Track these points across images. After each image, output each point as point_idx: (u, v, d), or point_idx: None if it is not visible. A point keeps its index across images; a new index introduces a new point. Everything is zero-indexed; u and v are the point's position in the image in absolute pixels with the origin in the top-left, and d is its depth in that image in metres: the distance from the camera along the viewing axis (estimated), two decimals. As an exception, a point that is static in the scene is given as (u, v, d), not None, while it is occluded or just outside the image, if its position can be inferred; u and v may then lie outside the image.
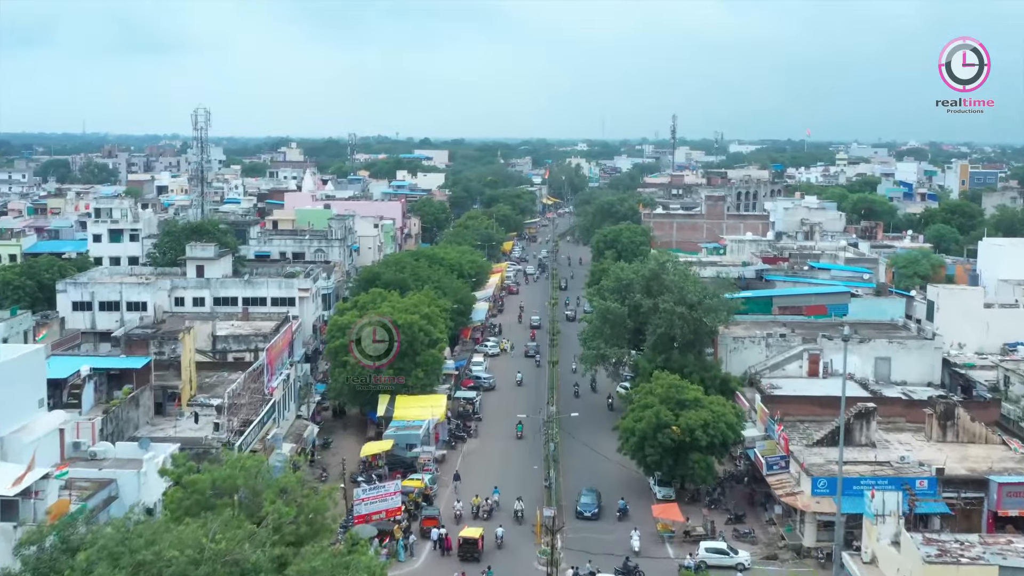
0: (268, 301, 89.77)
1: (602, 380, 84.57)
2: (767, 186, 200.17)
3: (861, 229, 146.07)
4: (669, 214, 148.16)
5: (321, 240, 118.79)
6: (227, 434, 53.60)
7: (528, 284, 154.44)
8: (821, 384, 73.79)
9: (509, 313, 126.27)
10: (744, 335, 78.78)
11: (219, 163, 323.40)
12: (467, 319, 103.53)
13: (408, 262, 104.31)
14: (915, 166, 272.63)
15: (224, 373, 66.90)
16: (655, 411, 60.04)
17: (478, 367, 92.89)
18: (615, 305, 75.42)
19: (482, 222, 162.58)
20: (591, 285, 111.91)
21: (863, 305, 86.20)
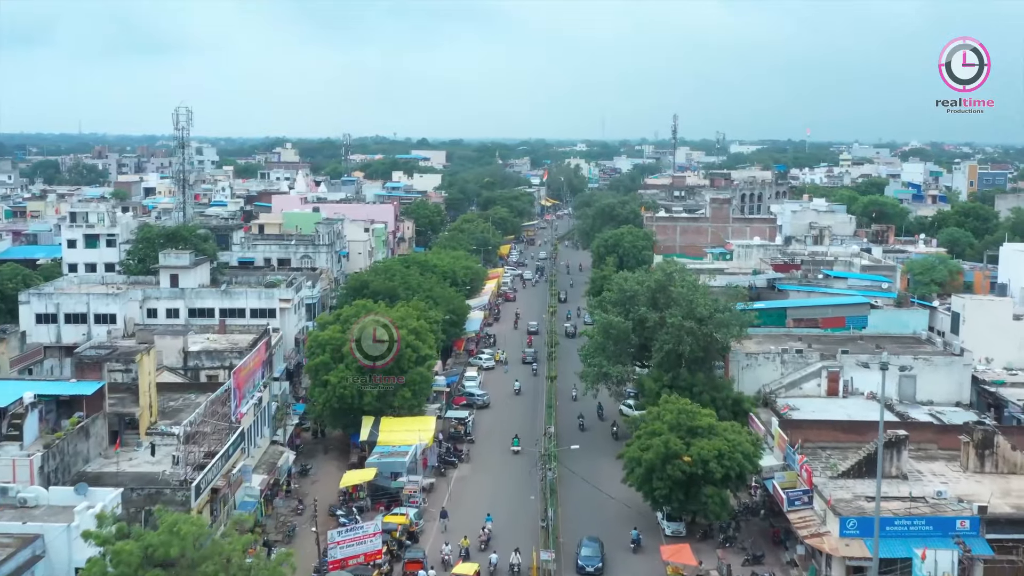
0: (247, 312, 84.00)
1: (609, 406, 77.93)
2: (771, 188, 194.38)
3: (872, 233, 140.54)
4: (672, 217, 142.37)
5: (308, 245, 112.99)
6: (186, 469, 47.80)
7: (525, 289, 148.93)
8: (841, 405, 68.16)
9: (505, 322, 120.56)
10: (757, 351, 73.07)
11: (212, 164, 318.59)
12: (460, 330, 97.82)
13: (398, 270, 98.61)
14: (921, 167, 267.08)
15: (191, 395, 61.11)
16: (664, 440, 54.31)
17: (471, 383, 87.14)
18: (618, 319, 69.71)
19: (478, 225, 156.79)
20: (591, 294, 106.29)
21: (884, 317, 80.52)
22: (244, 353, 69.35)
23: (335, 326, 70.95)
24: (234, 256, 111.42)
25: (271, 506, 59.08)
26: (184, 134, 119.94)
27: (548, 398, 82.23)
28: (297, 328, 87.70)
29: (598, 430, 71.41)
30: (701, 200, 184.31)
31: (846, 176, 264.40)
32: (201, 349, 73.57)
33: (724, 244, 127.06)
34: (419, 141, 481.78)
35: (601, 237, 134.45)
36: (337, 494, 60.76)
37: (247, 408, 56.24)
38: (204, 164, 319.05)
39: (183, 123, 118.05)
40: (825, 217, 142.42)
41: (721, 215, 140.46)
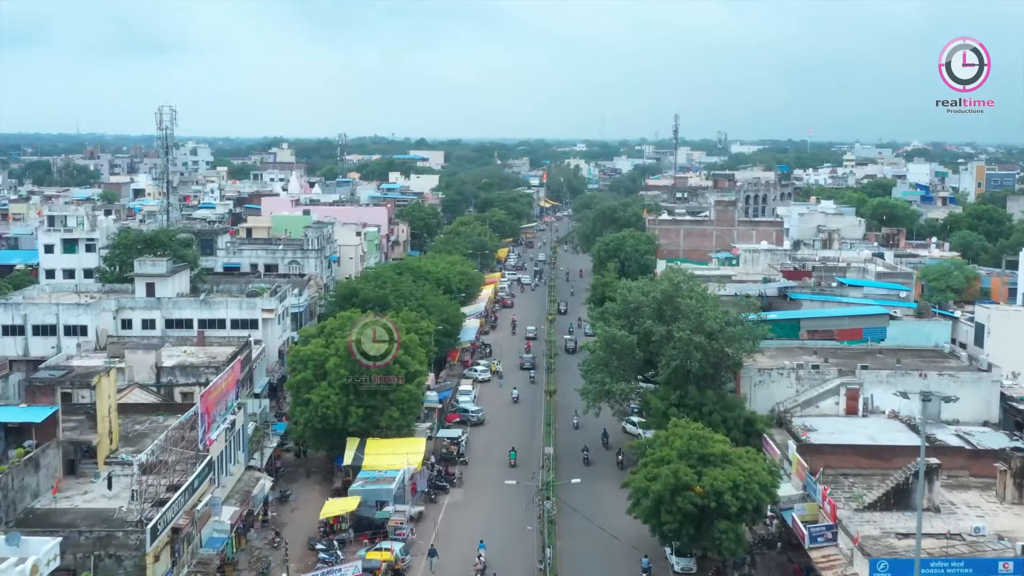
0: (227, 323, 79.29)
1: (615, 432, 72.11)
2: (776, 189, 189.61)
3: (882, 236, 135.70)
4: (675, 220, 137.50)
5: (296, 250, 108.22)
6: (143, 506, 43.00)
7: (524, 293, 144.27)
8: (862, 425, 63.40)
9: (502, 330, 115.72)
10: (770, 366, 68.22)
11: (207, 164, 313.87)
12: (455, 340, 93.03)
13: (390, 276, 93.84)
14: (927, 167, 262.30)
15: (160, 418, 56.35)
16: (673, 469, 49.50)
17: (465, 398, 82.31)
18: (622, 333, 64.88)
19: (475, 228, 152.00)
20: (592, 302, 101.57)
21: (903, 329, 75.70)
22: (222, 368, 64.72)
23: (318, 340, 66.17)
24: (219, 262, 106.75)
25: (244, 539, 54.32)
26: (168, 134, 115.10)
27: (547, 414, 77.37)
28: (281, 339, 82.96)
29: (603, 459, 66.30)
30: (704, 202, 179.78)
31: (850, 177, 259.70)
32: (176, 364, 68.91)
33: (730, 248, 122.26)
34: (417, 141, 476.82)
35: (602, 241, 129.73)
36: (317, 525, 55.94)
37: (218, 433, 51.45)
38: (198, 165, 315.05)
39: (167, 123, 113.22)
40: (833, 220, 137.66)
41: (726, 218, 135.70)
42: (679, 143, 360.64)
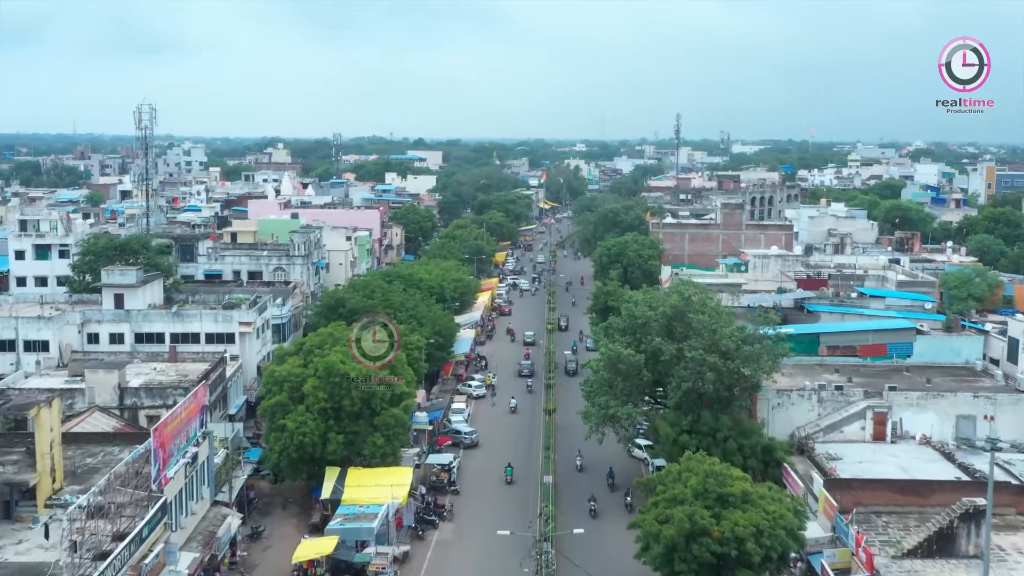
0: (202, 337, 73.70)
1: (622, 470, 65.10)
2: (782, 190, 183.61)
3: (896, 241, 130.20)
4: (680, 224, 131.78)
5: (281, 256, 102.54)
6: (79, 562, 37.32)
7: (523, 298, 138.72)
8: (891, 453, 57.85)
9: (499, 340, 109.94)
10: (790, 386, 62.61)
11: (200, 165, 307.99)
12: (448, 354, 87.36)
13: (378, 285, 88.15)
14: (934, 168, 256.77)
15: (115, 449, 50.65)
16: (688, 512, 43.81)
17: (458, 417, 76.56)
18: (627, 351, 59.15)
19: (471, 232, 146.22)
20: (594, 311, 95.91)
21: (931, 344, 70.08)
22: (194, 387, 59.10)
23: (295, 359, 60.47)
24: (200, 269, 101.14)
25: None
26: (147, 133, 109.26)
27: (546, 436, 71.59)
28: (261, 354, 77.32)
29: (609, 501, 60.25)
30: (709, 204, 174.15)
31: (856, 178, 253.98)
32: (143, 384, 63.46)
33: (738, 254, 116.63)
34: (415, 141, 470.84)
35: (604, 246, 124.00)
36: (291, 569, 50.26)
37: (176, 470, 45.75)
38: (192, 165, 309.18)
39: (146, 122, 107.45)
40: (845, 223, 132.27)
41: (733, 221, 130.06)
42: (680, 143, 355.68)
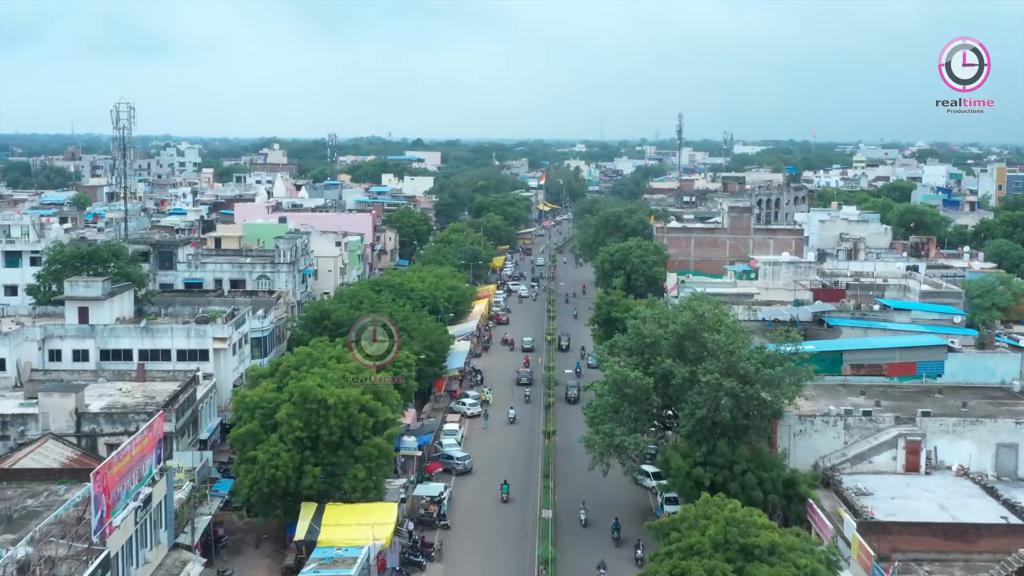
0: (173, 354, 68.14)
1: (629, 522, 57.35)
2: (789, 192, 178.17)
3: (911, 246, 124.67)
4: (686, 228, 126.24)
5: (265, 264, 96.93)
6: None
7: (522, 304, 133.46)
8: (927, 487, 52.36)
9: (495, 353, 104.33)
10: (812, 411, 57.03)
11: (194, 166, 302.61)
12: (440, 369, 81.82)
13: (367, 296, 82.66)
14: (942, 169, 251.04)
15: (61, 488, 45.14)
16: (708, 567, 38.29)
17: (450, 440, 71.00)
18: (635, 374, 53.58)
19: (468, 236, 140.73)
20: (596, 322, 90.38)
21: (963, 362, 64.49)
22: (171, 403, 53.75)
23: (268, 382, 54.91)
24: (179, 277, 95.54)
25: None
26: (125, 134, 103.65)
27: (545, 463, 65.96)
28: (238, 371, 71.72)
29: (616, 556, 54.14)
30: (714, 206, 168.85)
31: (862, 179, 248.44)
32: (104, 408, 57.94)
33: (747, 260, 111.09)
34: (414, 142, 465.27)
35: (606, 251, 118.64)
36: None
37: (124, 517, 40.16)
38: (185, 166, 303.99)
39: (124, 121, 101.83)
40: (857, 227, 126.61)
41: (741, 225, 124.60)
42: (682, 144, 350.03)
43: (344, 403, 51.82)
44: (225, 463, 62.90)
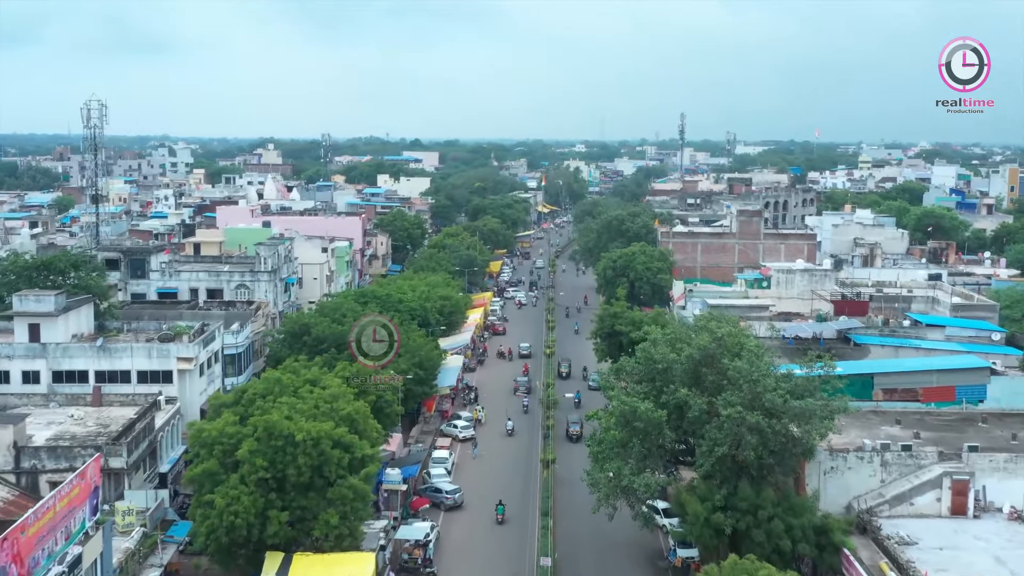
0: (133, 376, 61.84)
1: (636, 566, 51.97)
2: (797, 194, 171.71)
3: (929, 251, 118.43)
4: (692, 233, 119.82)
5: (245, 272, 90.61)
6: None
7: (520, 310, 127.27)
8: (978, 535, 46.02)
9: (491, 366, 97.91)
10: (844, 445, 50.62)
11: (186, 166, 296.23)
12: (430, 387, 75.45)
13: (350, 308, 76.27)
14: (951, 170, 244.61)
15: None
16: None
17: (438, 470, 64.54)
18: (645, 406, 47.15)
19: (463, 240, 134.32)
20: (598, 336, 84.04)
21: (1009, 387, 58.11)
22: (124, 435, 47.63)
23: (230, 413, 48.50)
24: (152, 286, 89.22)
25: None
26: (96, 132, 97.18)
27: (544, 500, 59.45)
28: (207, 393, 65.28)
29: None
30: (719, 209, 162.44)
31: (869, 180, 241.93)
32: (49, 440, 51.69)
33: (759, 267, 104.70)
34: (412, 142, 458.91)
35: (608, 258, 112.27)
36: None
37: (43, 585, 33.87)
38: (177, 167, 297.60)
39: (95, 120, 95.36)
40: (872, 232, 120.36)
41: (750, 230, 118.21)
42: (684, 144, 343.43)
43: (315, 439, 45.48)
44: (187, 495, 56.60)
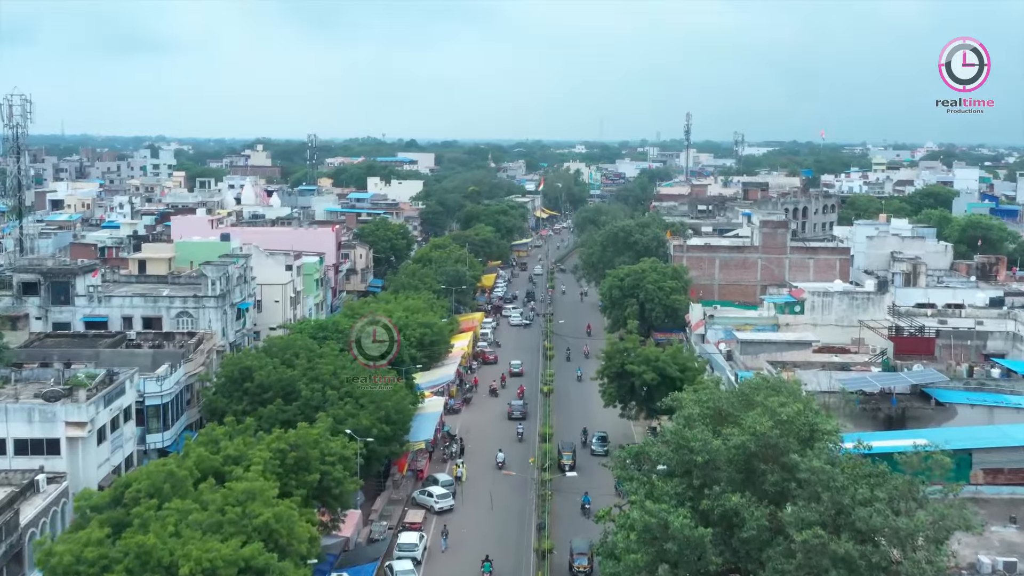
0: (8, 447, 48.08)
1: None
2: (817, 200, 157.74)
3: (976, 267, 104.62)
4: (709, 247, 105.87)
5: (187, 298, 76.77)
6: None
7: (514, 330, 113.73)
8: None
9: (479, 407, 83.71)
10: (952, 568, 36.74)
11: (169, 169, 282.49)
12: (401, 445, 61.65)
13: (303, 346, 62.70)
14: (974, 173, 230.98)
15: None
16: None
17: (404, 563, 50.29)
18: (681, 518, 33.14)
19: (452, 252, 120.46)
20: (606, 375, 70.38)
21: None
22: None
23: (97, 525, 34.73)
24: (78, 314, 75.39)
25: None
26: (19, 132, 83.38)
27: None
28: (110, 465, 51.61)
29: None
30: (734, 216, 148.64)
31: (887, 183, 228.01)
32: None
33: (787, 287, 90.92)
34: (408, 143, 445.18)
35: (614, 275, 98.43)
36: None
37: None
38: (160, 169, 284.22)
39: (18, 118, 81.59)
40: (911, 245, 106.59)
41: (775, 243, 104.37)
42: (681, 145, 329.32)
43: (210, 570, 31.79)
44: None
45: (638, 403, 69.46)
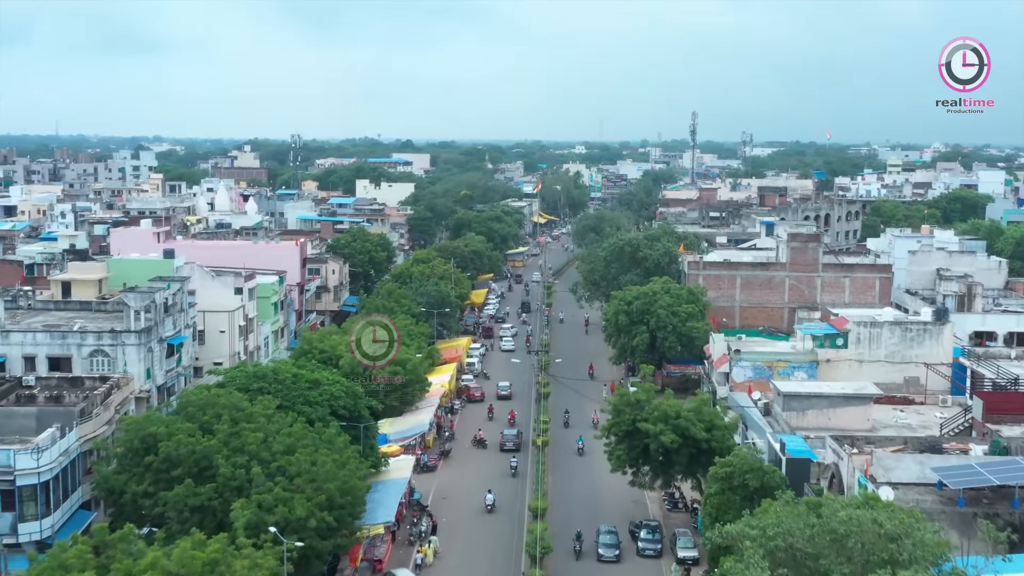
0: None
1: None
2: (840, 207, 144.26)
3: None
4: (729, 264, 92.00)
5: (102, 332, 63.05)
6: None
7: (504, 356, 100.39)
8: None
9: (459, 462, 69.52)
10: None
11: (149, 171, 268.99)
12: (352, 534, 47.99)
13: (227, 404, 48.99)
14: (999, 175, 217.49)
15: None
16: None
17: None
18: None
19: (436, 268, 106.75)
20: (613, 434, 56.64)
21: None
22: None
23: None
24: (-32, 353, 61.84)
25: None
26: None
27: None
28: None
29: None
30: (749, 225, 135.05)
31: (905, 186, 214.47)
32: None
33: (823, 312, 77.26)
34: (404, 143, 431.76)
35: (620, 298, 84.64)
36: None
37: None
38: (140, 171, 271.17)
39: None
40: (960, 261, 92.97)
41: (805, 259, 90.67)
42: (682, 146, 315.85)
43: None
44: None
45: (653, 469, 55.83)
